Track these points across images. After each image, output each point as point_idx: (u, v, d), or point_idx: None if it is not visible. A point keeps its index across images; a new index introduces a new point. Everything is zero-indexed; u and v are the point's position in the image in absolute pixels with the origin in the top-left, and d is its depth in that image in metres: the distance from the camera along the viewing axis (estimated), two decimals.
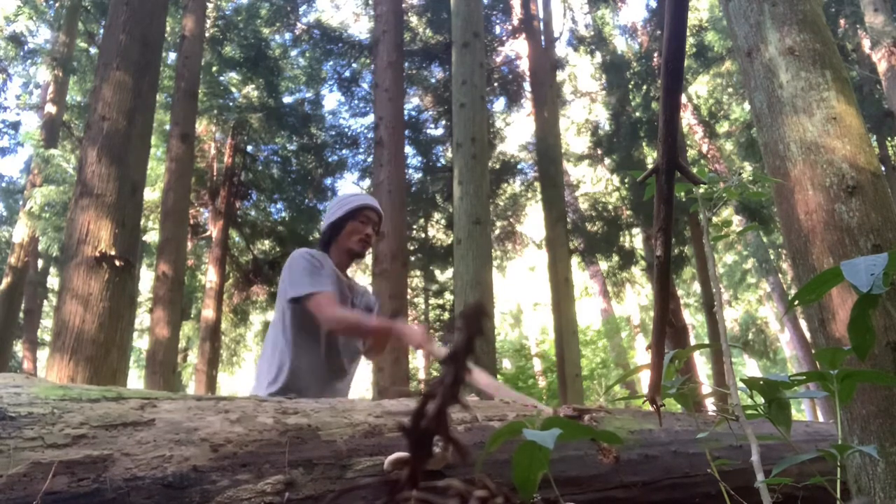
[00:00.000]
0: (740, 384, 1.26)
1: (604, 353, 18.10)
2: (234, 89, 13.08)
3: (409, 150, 11.93)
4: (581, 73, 16.35)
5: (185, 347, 13.76)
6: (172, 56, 11.36)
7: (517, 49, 14.24)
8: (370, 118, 12.41)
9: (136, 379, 15.46)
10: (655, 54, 12.06)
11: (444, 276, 14.21)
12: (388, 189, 8.33)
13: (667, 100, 1.28)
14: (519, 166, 13.98)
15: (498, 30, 13.76)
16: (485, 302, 5.92)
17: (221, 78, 12.75)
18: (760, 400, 1.24)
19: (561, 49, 14.12)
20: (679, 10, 1.24)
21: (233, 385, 21.63)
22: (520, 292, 25.44)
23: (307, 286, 2.28)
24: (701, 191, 1.42)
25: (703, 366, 19.75)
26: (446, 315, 13.17)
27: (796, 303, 1.10)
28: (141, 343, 14.34)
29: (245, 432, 1.27)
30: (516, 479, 0.93)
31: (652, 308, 3.39)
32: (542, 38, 12.27)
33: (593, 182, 15.64)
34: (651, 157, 12.58)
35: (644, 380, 7.37)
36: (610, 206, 13.49)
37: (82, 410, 1.17)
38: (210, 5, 11.92)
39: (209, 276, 11.81)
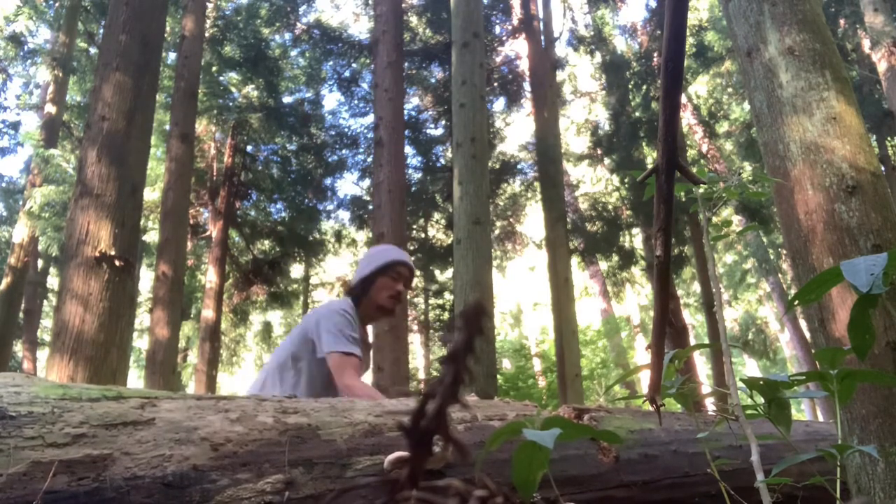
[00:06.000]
0: (740, 384, 1.26)
1: (604, 353, 18.10)
2: (234, 89, 13.07)
3: (408, 150, 11.93)
4: (581, 73, 16.37)
5: (185, 347, 13.76)
6: (172, 56, 11.36)
7: (517, 49, 14.25)
8: (370, 118, 12.41)
9: (136, 379, 15.46)
10: (655, 54, 12.06)
11: (444, 276, 14.20)
12: (388, 189, 8.33)
13: (667, 100, 1.28)
14: (519, 166, 13.98)
15: (498, 30, 13.76)
16: (485, 302, 5.92)
17: (221, 78, 12.75)
18: (760, 400, 1.24)
19: (561, 49, 14.13)
20: (679, 10, 1.24)
21: (233, 385, 21.64)
22: (520, 292, 25.46)
23: (344, 345, 2.30)
24: (701, 191, 1.42)
25: (703, 366, 19.75)
26: (446, 315, 13.16)
27: (796, 303, 1.10)
28: (141, 343, 14.34)
29: (245, 431, 1.27)
30: (516, 479, 0.93)
31: (652, 308, 3.39)
32: (542, 38, 12.27)
33: (593, 182, 15.64)
34: (651, 157, 12.58)
35: (644, 380, 7.37)
36: (610, 206, 13.49)
37: (82, 409, 1.17)
38: (210, 5, 11.92)
39: (209, 276, 11.81)
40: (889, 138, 11.58)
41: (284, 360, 2.39)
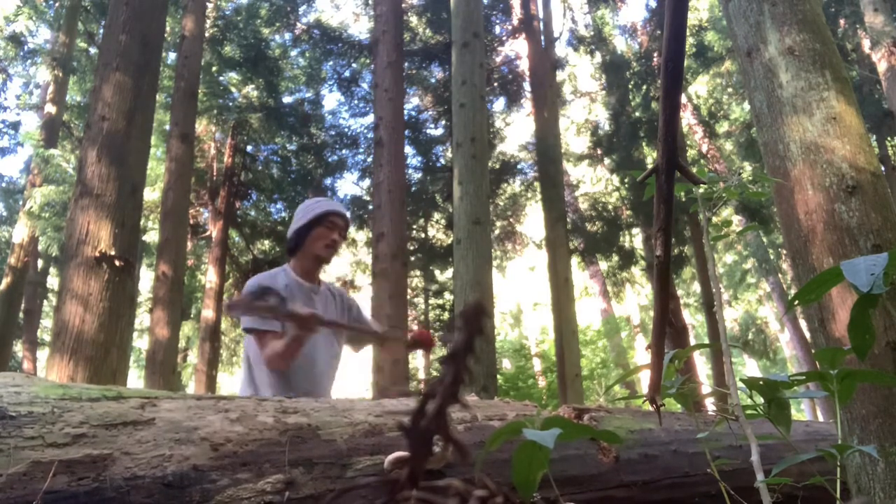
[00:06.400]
0: (740, 384, 1.26)
1: (604, 353, 18.10)
2: (234, 89, 13.07)
3: (409, 150, 11.93)
4: (581, 73, 16.36)
5: (185, 347, 13.77)
6: (172, 56, 11.36)
7: (517, 49, 14.25)
8: (370, 118, 12.41)
9: (136, 379, 15.46)
10: (655, 54, 12.06)
11: (444, 276, 14.20)
12: (387, 189, 8.33)
13: (667, 100, 1.28)
14: (519, 166, 13.98)
15: (498, 30, 13.76)
16: (485, 302, 5.91)
17: (221, 78, 12.74)
18: (760, 400, 1.24)
19: (561, 49, 14.13)
20: (679, 10, 1.24)
21: (233, 385, 21.62)
22: (520, 292, 25.43)
23: (254, 322, 2.34)
24: (701, 191, 1.42)
25: (703, 366, 19.74)
26: (446, 315, 13.16)
27: (796, 303, 1.10)
28: (141, 343, 14.34)
29: (245, 431, 1.27)
30: (516, 479, 0.93)
31: (652, 308, 3.39)
32: (542, 38, 12.27)
33: (593, 182, 15.63)
34: (651, 157, 12.58)
35: (644, 380, 7.37)
36: (610, 206, 13.49)
37: (82, 409, 1.17)
38: (210, 5, 11.92)
39: (209, 276, 11.81)
40: (889, 138, 11.58)
41: (246, 340, 2.51)
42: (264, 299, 2.29)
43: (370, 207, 11.10)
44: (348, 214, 2.65)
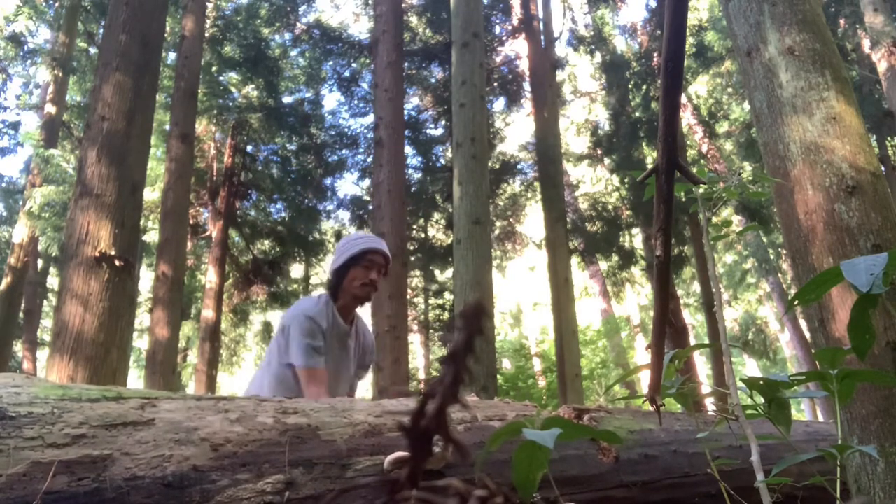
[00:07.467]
0: (740, 384, 1.26)
1: (604, 353, 18.09)
2: (234, 89, 13.07)
3: (408, 150, 11.93)
4: (581, 73, 16.36)
5: (185, 347, 13.76)
6: (172, 56, 11.36)
7: (517, 49, 14.25)
8: (370, 118, 12.40)
9: (136, 379, 15.46)
10: (655, 54, 12.06)
11: (444, 276, 14.20)
12: (387, 189, 8.32)
13: (667, 100, 1.28)
14: (519, 166, 13.98)
15: (498, 30, 13.76)
16: (485, 302, 5.91)
17: (221, 78, 12.74)
18: (760, 400, 1.24)
19: (561, 49, 14.13)
20: (679, 10, 1.24)
21: (233, 385, 21.62)
22: (520, 292, 25.44)
23: (305, 359, 2.35)
24: (701, 191, 1.42)
25: (703, 366, 19.74)
26: (446, 315, 13.16)
27: (796, 303, 1.10)
28: (141, 343, 14.33)
29: (245, 432, 1.27)
30: (516, 479, 0.93)
31: (652, 308, 3.39)
32: (542, 38, 12.27)
33: (593, 182, 15.63)
34: (651, 157, 12.58)
35: (644, 380, 7.37)
36: (610, 206, 13.49)
37: (82, 410, 1.17)
38: (210, 5, 11.92)
39: (209, 276, 11.81)
40: (889, 138, 11.57)
41: (268, 362, 2.50)
42: (314, 336, 2.37)
43: (370, 207, 11.09)
44: (387, 250, 2.58)
